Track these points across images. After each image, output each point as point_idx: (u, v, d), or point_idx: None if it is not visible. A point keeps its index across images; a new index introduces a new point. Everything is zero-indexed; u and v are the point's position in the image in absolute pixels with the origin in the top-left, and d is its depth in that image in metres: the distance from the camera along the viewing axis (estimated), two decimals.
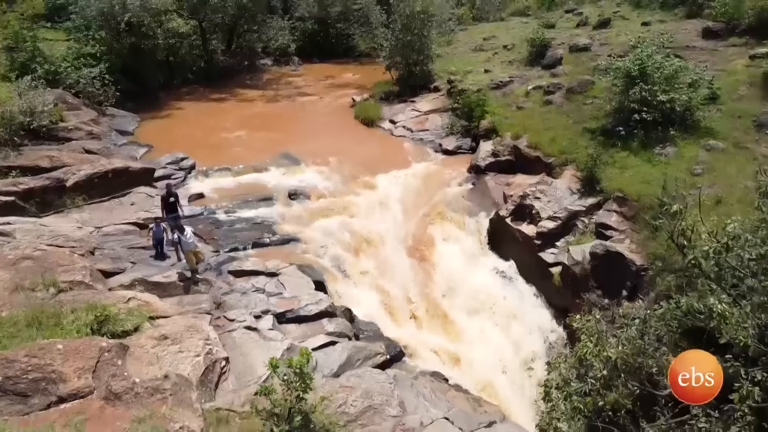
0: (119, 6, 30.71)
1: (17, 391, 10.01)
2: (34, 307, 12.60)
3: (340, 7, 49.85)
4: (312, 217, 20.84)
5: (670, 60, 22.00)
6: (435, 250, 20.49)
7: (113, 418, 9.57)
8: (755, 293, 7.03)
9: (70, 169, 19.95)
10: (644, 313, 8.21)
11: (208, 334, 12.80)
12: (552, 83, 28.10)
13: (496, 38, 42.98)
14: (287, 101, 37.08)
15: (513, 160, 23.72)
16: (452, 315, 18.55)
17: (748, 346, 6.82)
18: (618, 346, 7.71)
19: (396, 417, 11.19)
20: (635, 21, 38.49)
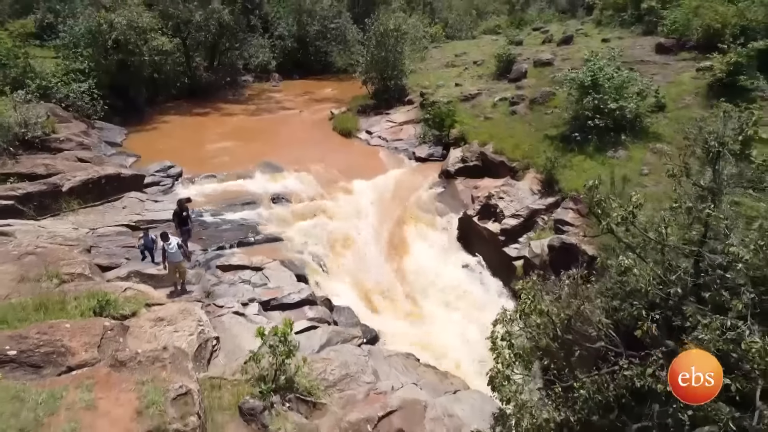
0: (106, 24, 31.94)
1: (30, 362, 11.18)
2: (40, 294, 13.74)
3: (318, 26, 51.58)
4: (293, 219, 22.17)
5: (619, 72, 23.91)
6: (408, 247, 21.96)
7: (119, 381, 10.77)
8: (655, 251, 8.58)
9: (65, 175, 21.09)
10: (573, 273, 9.76)
11: (200, 317, 14.03)
12: (516, 95, 29.95)
13: (467, 55, 45.02)
14: (268, 115, 38.50)
15: (480, 165, 25.34)
16: (424, 305, 19.95)
17: (648, 291, 8.33)
18: (550, 301, 9.23)
19: (369, 383, 12.50)
20: (596, 38, 40.77)
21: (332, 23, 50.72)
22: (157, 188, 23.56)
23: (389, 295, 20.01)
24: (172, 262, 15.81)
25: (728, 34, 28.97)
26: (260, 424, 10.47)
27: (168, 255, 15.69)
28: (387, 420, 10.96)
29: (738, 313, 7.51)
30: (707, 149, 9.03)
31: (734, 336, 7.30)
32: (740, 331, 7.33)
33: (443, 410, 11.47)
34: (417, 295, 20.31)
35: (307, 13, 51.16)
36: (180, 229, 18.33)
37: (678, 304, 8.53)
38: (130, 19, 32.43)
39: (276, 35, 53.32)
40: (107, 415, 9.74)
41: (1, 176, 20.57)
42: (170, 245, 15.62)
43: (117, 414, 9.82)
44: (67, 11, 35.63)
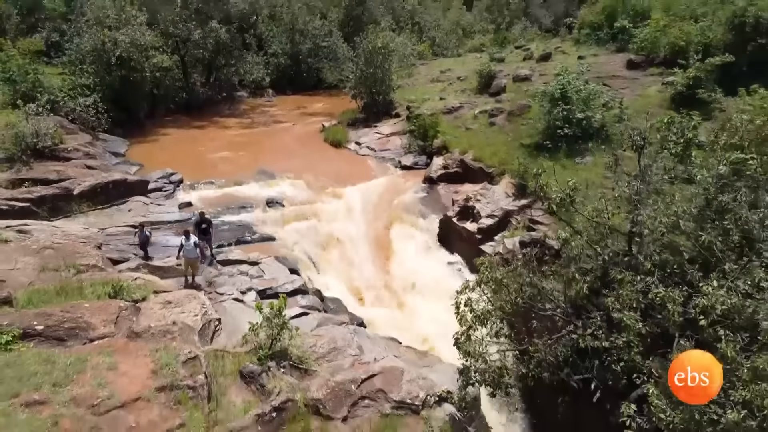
0: (110, 42, 33.63)
1: (56, 336, 12.68)
2: (60, 282, 15.25)
3: (310, 44, 53.50)
4: (286, 220, 23.72)
5: (586, 85, 25.81)
6: (393, 246, 23.57)
7: (135, 349, 12.32)
8: (589, 226, 10.29)
9: (75, 180, 22.65)
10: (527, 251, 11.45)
11: (204, 301, 15.53)
12: (496, 108, 31.85)
13: (452, 71, 47.06)
14: (263, 127, 40.23)
15: (460, 172, 27.08)
16: (407, 298, 21.51)
17: (580, 257, 10.02)
18: (503, 272, 10.91)
19: (355, 356, 14.04)
20: (573, 55, 42.85)
21: (324, 41, 52.63)
22: (160, 193, 25.11)
23: (375, 289, 21.57)
24: (187, 258, 17.26)
25: (692, 50, 30.90)
26: (258, 385, 12.00)
27: (184, 251, 17.20)
28: (369, 381, 12.52)
29: (647, 271, 9.19)
30: (632, 144, 10.74)
31: (642, 287, 8.95)
32: (647, 284, 9.00)
33: (418, 374, 13.03)
34: (401, 289, 21.87)
35: (299, 32, 53.08)
36: (200, 239, 18.87)
37: (606, 269, 10.21)
38: (134, 38, 34.14)
39: (270, 53, 55.19)
40: (127, 374, 11.31)
41: (17, 181, 22.07)
42: (188, 243, 17.09)
43: (135, 373, 11.38)
44: (72, 31, 37.25)
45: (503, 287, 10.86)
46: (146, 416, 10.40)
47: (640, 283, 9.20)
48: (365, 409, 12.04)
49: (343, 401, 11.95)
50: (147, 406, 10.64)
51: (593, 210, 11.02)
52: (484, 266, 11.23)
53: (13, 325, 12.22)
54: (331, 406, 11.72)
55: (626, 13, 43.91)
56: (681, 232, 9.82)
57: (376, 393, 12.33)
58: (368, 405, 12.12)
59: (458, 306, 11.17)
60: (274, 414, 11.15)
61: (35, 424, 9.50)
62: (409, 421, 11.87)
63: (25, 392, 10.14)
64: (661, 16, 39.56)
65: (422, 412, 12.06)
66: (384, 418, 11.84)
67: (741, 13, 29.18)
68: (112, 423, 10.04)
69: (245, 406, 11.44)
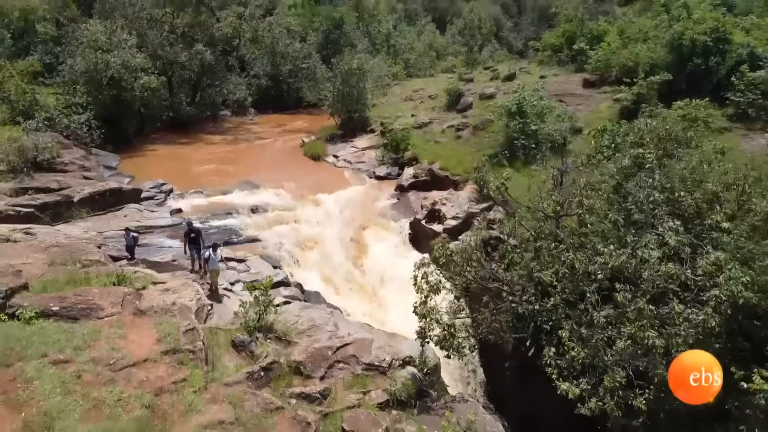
0: (102, 64, 35.48)
1: (70, 315, 14.40)
2: (69, 273, 16.99)
3: (290, 66, 55.59)
4: (270, 224, 25.63)
5: (541, 101, 28.35)
6: (367, 247, 25.60)
7: (141, 323, 14.16)
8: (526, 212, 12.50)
9: (74, 188, 24.38)
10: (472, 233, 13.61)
11: (198, 288, 17.33)
12: (462, 123, 34.32)
13: (424, 90, 49.58)
14: (246, 144, 42.18)
15: (429, 180, 29.34)
16: (380, 292, 23.52)
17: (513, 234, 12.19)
18: (452, 247, 13.04)
19: (331, 331, 15.95)
20: (536, 74, 45.72)
21: (303, 63, 54.79)
22: (152, 201, 26.90)
23: (351, 284, 23.54)
24: (211, 269, 18.34)
25: (640, 70, 33.77)
26: (248, 351, 13.92)
27: (210, 261, 18.24)
28: (343, 349, 14.51)
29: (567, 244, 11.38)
30: (554, 143, 13.02)
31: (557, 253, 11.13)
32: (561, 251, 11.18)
33: (386, 343, 15.05)
34: (374, 284, 23.88)
35: (280, 55, 55.10)
36: (190, 247, 19.68)
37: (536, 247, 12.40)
38: (125, 60, 36.05)
39: (252, 74, 57.25)
40: (135, 342, 13.18)
41: (20, 189, 23.74)
42: (215, 255, 18.19)
43: (143, 341, 13.25)
44: (66, 53, 39.01)
45: (452, 261, 12.99)
46: (154, 373, 12.25)
47: (560, 251, 11.38)
48: (340, 370, 14.02)
49: (321, 364, 13.92)
50: (154, 365, 12.49)
51: (530, 200, 13.26)
52: (437, 245, 13.36)
53: (32, 306, 13.96)
54: (310, 367, 13.68)
55: (584, 37, 47.05)
56: (594, 212, 12.06)
57: (349, 358, 14.32)
58: (342, 367, 14.10)
59: (416, 279, 13.27)
60: (262, 373, 13.07)
61: (63, 376, 11.29)
62: (376, 380, 13.86)
63: (51, 353, 11.93)
64: (615, 39, 42.63)
65: (388, 373, 14.07)
66: (356, 377, 13.84)
67: (679, 36, 32.13)
68: (126, 377, 11.87)
69: (237, 367, 13.35)
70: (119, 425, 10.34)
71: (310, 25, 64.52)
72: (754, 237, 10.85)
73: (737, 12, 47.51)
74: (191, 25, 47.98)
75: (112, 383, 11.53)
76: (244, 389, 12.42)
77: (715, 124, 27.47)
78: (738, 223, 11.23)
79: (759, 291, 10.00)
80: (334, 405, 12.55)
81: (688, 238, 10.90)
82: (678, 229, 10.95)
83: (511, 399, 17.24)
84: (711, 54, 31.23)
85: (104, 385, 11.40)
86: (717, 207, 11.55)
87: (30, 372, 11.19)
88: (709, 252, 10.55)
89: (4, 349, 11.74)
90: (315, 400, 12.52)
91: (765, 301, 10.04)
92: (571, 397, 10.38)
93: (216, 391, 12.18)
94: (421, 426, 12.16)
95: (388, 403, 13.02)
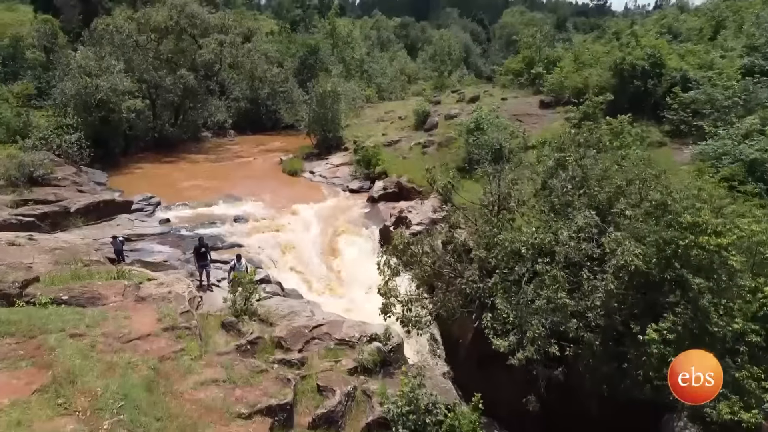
0: (92, 88, 37.45)
1: (78, 303, 16.29)
2: (73, 270, 18.88)
3: (268, 89, 57.77)
4: (251, 232, 27.71)
5: (497, 119, 31.09)
6: (340, 251, 27.78)
7: (142, 308, 16.12)
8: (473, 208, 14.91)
9: (71, 200, 26.24)
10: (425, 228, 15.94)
11: (188, 284, 19.33)
12: (428, 140, 36.97)
13: (394, 112, 52.38)
14: (228, 162, 44.26)
15: (397, 192, 31.75)
16: (352, 291, 25.55)
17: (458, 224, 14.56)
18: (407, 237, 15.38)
19: (308, 316, 18.09)
20: (497, 96, 48.77)
21: (281, 87, 57.05)
22: (142, 212, 28.83)
23: (325, 283, 25.65)
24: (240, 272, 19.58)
25: (590, 92, 36.85)
26: (236, 330, 15.97)
27: (236, 270, 19.64)
28: (318, 328, 16.64)
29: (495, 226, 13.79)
30: (491, 150, 15.50)
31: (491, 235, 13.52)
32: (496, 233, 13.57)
33: (356, 323, 17.22)
34: (347, 284, 25.99)
35: (258, 79, 57.31)
36: (198, 263, 20.82)
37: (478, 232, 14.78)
38: (113, 84, 38.09)
39: (232, 98, 59.33)
40: (138, 321, 15.14)
41: (20, 201, 25.52)
42: (241, 264, 19.92)
43: (145, 321, 15.23)
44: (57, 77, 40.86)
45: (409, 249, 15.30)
46: (157, 344, 14.22)
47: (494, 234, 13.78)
48: (315, 345, 16.13)
49: (299, 339, 16.03)
50: (156, 339, 14.46)
51: (479, 199, 15.67)
52: (397, 235, 15.68)
53: (45, 295, 15.87)
54: (290, 341, 15.79)
55: (541, 62, 50.32)
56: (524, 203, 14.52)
57: (323, 335, 16.46)
58: (317, 342, 16.21)
59: (379, 264, 15.55)
60: (248, 346, 15.14)
61: (80, 345, 13.22)
62: (347, 352, 15.98)
63: (68, 329, 13.82)
64: (570, 64, 46.01)
65: (357, 347, 16.20)
66: (329, 350, 15.96)
67: (621, 61, 35.32)
68: (132, 348, 13.82)
69: (227, 342, 15.40)
70: (131, 381, 12.31)
71: (287, 51, 67.21)
72: (647, 220, 13.36)
73: (681, 39, 51.61)
74: (175, 52, 50.25)
75: (121, 351, 13.47)
76: (233, 357, 14.45)
77: (651, 138, 30.49)
78: (637, 210, 13.75)
79: (647, 261, 12.48)
80: (311, 370, 14.66)
81: (596, 221, 13.37)
82: (588, 214, 13.41)
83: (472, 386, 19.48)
84: (649, 77, 34.43)
85: (115, 353, 13.33)
86: (621, 198, 14.10)
87: (52, 342, 13.10)
88: (611, 232, 13.03)
89: (27, 325, 13.65)
90: (294, 365, 14.62)
91: (653, 269, 12.52)
92: (503, 350, 12.68)
93: (210, 359, 14.20)
94: (383, 384, 14.32)
95: (356, 369, 15.15)
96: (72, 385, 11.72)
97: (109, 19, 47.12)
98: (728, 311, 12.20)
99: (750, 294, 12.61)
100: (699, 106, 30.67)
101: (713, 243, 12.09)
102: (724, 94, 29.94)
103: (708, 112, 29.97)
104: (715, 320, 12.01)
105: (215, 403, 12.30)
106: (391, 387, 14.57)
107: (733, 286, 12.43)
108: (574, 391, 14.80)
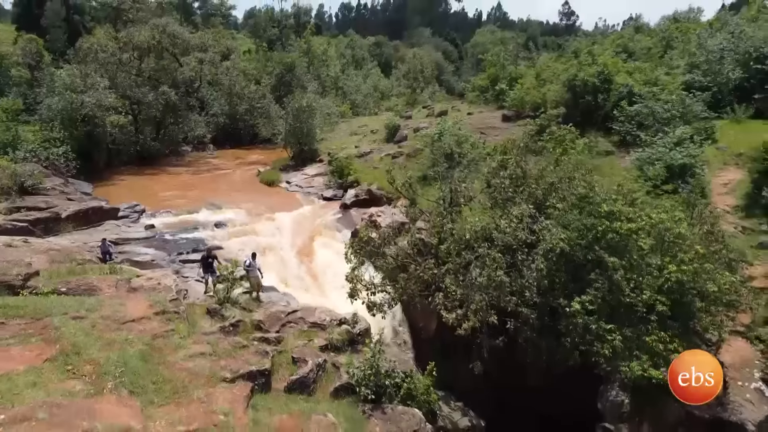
0: (77, 103, 38.98)
1: (76, 294, 17.92)
2: (68, 268, 20.47)
3: (246, 105, 59.49)
4: (230, 236, 29.43)
5: (459, 131, 33.39)
6: (315, 253, 29.62)
7: (135, 296, 17.80)
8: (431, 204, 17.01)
9: (61, 207, 27.72)
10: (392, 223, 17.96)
11: (175, 278, 21.07)
12: (397, 151, 39.15)
13: (367, 126, 54.59)
14: (208, 174, 45.90)
15: (368, 198, 33.76)
16: (326, 289, 27.39)
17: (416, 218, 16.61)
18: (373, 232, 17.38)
19: (284, 305, 19.93)
20: (464, 111, 51.28)
21: (258, 103, 58.73)
22: (127, 219, 30.35)
23: (300, 280, 27.44)
24: (253, 276, 20.40)
25: (548, 106, 39.41)
26: (219, 315, 17.72)
27: (250, 270, 20.30)
28: (293, 313, 18.50)
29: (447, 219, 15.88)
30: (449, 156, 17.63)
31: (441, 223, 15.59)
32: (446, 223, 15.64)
33: (326, 309, 19.12)
34: (321, 283, 27.82)
35: (237, 96, 59.11)
36: (205, 271, 20.57)
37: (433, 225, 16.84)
38: (98, 99, 39.66)
39: (211, 113, 60.93)
40: (132, 307, 16.81)
41: (13, 209, 26.94)
42: (254, 264, 20.00)
43: (138, 307, 16.90)
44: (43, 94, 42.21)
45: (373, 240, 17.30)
46: (149, 326, 15.91)
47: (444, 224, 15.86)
48: (290, 327, 17.98)
49: (276, 322, 17.86)
50: (149, 321, 16.14)
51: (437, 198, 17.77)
52: (362, 227, 17.66)
53: (45, 286, 17.49)
54: (268, 324, 17.61)
55: (505, 78, 53.04)
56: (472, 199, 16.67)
57: (298, 319, 18.32)
58: (292, 325, 18.07)
59: (346, 254, 17.51)
60: (231, 327, 16.91)
61: (82, 325, 14.88)
62: (319, 333, 17.87)
63: (70, 312, 15.46)
64: (531, 81, 48.78)
65: (327, 329, 18.10)
66: (302, 332, 17.82)
67: (573, 77, 38.02)
68: (128, 327, 15.49)
69: (211, 325, 17.15)
70: (129, 353, 14.02)
71: (264, 68, 69.13)
72: (573, 211, 15.56)
73: (635, 58, 54.81)
74: (156, 69, 51.95)
75: (118, 330, 15.15)
76: (218, 336, 16.22)
77: (600, 148, 33.06)
78: (565, 203, 15.97)
79: (572, 245, 14.66)
80: (286, 346, 16.51)
81: (530, 212, 15.55)
82: (526, 207, 15.60)
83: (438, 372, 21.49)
84: (599, 92, 37.16)
85: (113, 331, 15.01)
86: (554, 193, 16.32)
87: (56, 322, 14.73)
88: (542, 221, 15.20)
89: (33, 309, 15.27)
90: (272, 342, 16.46)
91: (578, 251, 14.71)
92: (451, 322, 14.71)
93: (197, 338, 15.94)
94: (350, 357, 16.22)
95: (327, 347, 17.05)
96: (78, 356, 13.41)
97: (93, 39, 48.76)
98: (638, 285, 14.40)
99: (657, 270, 14.82)
100: (642, 119, 33.28)
101: (625, 228, 14.32)
102: (664, 107, 32.62)
103: (650, 123, 32.58)
104: (627, 293, 14.18)
105: (203, 371, 14.06)
106: (357, 361, 16.50)
107: (643, 264, 14.64)
108: (520, 366, 16.92)
